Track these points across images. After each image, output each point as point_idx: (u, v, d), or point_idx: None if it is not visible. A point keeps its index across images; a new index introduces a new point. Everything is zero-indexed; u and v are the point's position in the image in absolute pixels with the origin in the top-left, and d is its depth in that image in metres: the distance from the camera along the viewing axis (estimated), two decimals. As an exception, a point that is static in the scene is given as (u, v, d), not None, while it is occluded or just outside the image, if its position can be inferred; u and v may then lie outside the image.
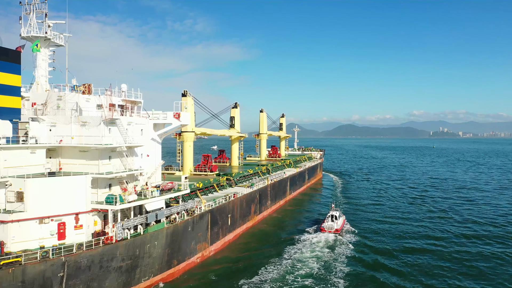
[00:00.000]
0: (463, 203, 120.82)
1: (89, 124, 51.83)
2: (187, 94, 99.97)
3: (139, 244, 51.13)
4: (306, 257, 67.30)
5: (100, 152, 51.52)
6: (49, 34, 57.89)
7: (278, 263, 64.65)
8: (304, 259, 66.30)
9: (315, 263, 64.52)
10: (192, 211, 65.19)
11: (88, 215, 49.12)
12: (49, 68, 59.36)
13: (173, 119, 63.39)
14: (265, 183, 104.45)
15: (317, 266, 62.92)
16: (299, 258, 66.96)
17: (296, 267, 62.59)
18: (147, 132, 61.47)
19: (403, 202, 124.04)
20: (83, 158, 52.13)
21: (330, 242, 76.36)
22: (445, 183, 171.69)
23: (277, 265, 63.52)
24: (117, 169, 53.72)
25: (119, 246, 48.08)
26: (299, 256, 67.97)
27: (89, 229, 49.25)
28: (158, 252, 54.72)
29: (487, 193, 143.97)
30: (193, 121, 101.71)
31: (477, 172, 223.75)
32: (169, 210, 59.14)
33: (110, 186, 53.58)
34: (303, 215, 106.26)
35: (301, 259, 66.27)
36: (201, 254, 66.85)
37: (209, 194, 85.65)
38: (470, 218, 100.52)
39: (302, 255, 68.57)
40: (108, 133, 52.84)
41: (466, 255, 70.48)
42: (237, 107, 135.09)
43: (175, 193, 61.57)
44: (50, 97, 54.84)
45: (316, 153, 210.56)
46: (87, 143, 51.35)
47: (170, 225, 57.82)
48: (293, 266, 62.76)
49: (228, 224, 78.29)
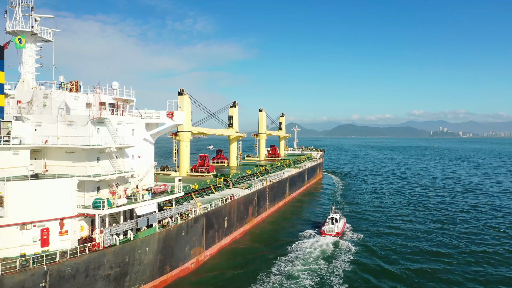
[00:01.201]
0: (468, 207, 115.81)
1: (76, 124, 48.98)
2: (183, 93, 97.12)
3: (128, 251, 48.34)
4: (306, 263, 64.47)
5: (88, 153, 48.69)
6: (36, 28, 55.02)
7: (276, 269, 61.84)
8: (304, 265, 63.47)
9: (316, 269, 61.71)
10: (187, 214, 62.44)
11: (74, 220, 46.32)
12: (36, 64, 56.48)
13: (166, 118, 60.50)
14: (264, 184, 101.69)
15: (318, 273, 60.13)
16: (298, 264, 64.12)
17: (295, 274, 59.75)
18: (139, 132, 58.61)
19: (405, 204, 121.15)
20: (69, 160, 49.28)
21: (331, 246, 73.59)
22: (449, 185, 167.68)
23: (275, 272, 60.72)
24: (106, 171, 50.88)
25: (107, 253, 45.27)
26: (299, 262, 65.11)
27: (75, 235, 46.46)
28: (149, 259, 51.95)
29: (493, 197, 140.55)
30: (189, 121, 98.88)
31: (483, 174, 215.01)
32: (162, 214, 56.34)
33: (99, 189, 50.74)
34: (303, 217, 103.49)
35: (300, 265, 63.44)
36: (195, 259, 64.09)
37: (206, 196, 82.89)
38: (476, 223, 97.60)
39: (301, 261, 65.72)
40: (96, 133, 49.98)
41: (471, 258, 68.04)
42: (236, 106, 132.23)
43: (168, 196, 58.74)
44: (36, 95, 52.00)
45: (316, 153, 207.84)
46: (73, 143, 48.50)
47: (163, 230, 55.05)
48: (292, 274, 59.89)
49: (225, 228, 75.52)
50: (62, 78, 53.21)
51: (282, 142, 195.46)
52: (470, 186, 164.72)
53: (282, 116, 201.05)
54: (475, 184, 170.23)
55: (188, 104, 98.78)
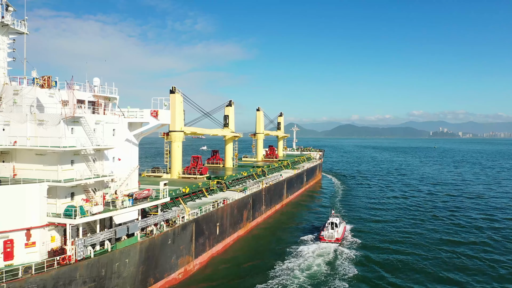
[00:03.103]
0: (480, 216, 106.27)
1: (47, 123, 44.30)
2: (175, 91, 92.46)
3: (105, 263, 43.71)
4: (304, 274, 59.73)
5: (60, 155, 43.99)
6: (7, 19, 50.27)
7: (272, 280, 57.14)
8: (302, 277, 58.76)
9: (313, 283, 56.99)
10: (173, 221, 57.78)
11: (43, 230, 41.63)
12: (8, 58, 51.66)
13: (151, 117, 55.72)
14: (260, 186, 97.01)
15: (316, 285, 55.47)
16: (296, 275, 59.33)
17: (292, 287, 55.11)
18: (121, 133, 53.83)
19: (408, 207, 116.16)
20: (40, 163, 44.60)
21: (330, 254, 68.90)
22: (454, 189, 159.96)
23: (270, 283, 56.03)
24: (82, 175, 46.19)
25: (79, 267, 40.63)
26: (296, 272, 60.32)
27: (45, 247, 41.78)
28: (130, 271, 47.31)
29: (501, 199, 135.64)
30: (181, 120, 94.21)
31: (491, 178, 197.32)
32: (145, 221, 51.62)
33: (73, 195, 46.01)
34: (301, 221, 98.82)
35: (298, 277, 58.70)
36: (183, 269, 59.44)
37: (197, 199, 78.27)
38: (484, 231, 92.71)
39: (299, 271, 60.88)
40: (70, 133, 45.29)
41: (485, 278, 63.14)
42: (232, 105, 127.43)
43: (152, 201, 54.03)
44: (6, 92, 47.35)
45: (315, 153, 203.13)
46: (44, 145, 43.82)
47: (146, 239, 50.42)
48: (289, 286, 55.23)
49: (216, 234, 70.85)
50: (35, 74, 48.45)
51: (281, 143, 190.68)
52: (480, 193, 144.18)
53: (280, 116, 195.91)
54: (487, 191, 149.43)
55: (181, 103, 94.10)
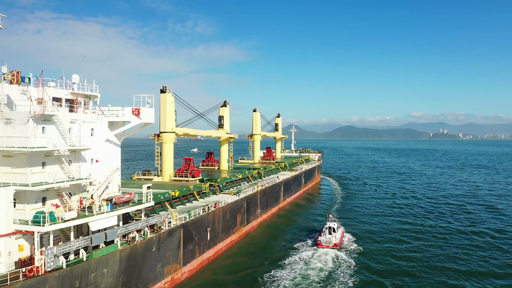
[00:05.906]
0: (482, 218, 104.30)
1: (15, 122, 40.74)
2: (166, 90, 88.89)
3: (79, 274, 40.03)
4: (301, 282, 56.03)
5: (29, 157, 40.41)
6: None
7: (263, 289, 53.53)
8: (298, 283, 55.10)
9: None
10: (159, 227, 54.10)
11: (8, 238, 38.03)
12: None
13: (132, 116, 52.07)
14: (255, 189, 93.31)
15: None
16: (291, 282, 55.71)
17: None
18: (100, 132, 50.23)
19: (408, 213, 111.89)
20: (8, 165, 41.01)
21: (329, 261, 65.11)
22: (458, 192, 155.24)
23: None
24: (55, 178, 42.57)
25: (49, 279, 36.94)
26: (293, 281, 56.65)
27: (11, 257, 38.13)
28: (108, 282, 43.62)
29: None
30: (173, 121, 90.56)
31: (498, 181, 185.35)
32: (125, 227, 47.94)
33: (45, 200, 42.41)
34: (298, 225, 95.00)
35: (294, 284, 55.07)
36: (170, 277, 55.72)
37: (188, 203, 74.47)
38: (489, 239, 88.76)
39: (295, 279, 57.24)
40: (41, 132, 41.72)
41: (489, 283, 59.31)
42: (227, 106, 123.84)
43: (134, 206, 50.34)
44: (-27, 88, 43.72)
45: (314, 155, 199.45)
46: (11, 145, 40.22)
47: (126, 247, 46.73)
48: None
49: (207, 240, 67.12)
50: (5, 69, 44.88)
51: (279, 144, 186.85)
52: (490, 202, 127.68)
53: (278, 117, 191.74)
54: (498, 200, 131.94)
55: (172, 103, 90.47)
